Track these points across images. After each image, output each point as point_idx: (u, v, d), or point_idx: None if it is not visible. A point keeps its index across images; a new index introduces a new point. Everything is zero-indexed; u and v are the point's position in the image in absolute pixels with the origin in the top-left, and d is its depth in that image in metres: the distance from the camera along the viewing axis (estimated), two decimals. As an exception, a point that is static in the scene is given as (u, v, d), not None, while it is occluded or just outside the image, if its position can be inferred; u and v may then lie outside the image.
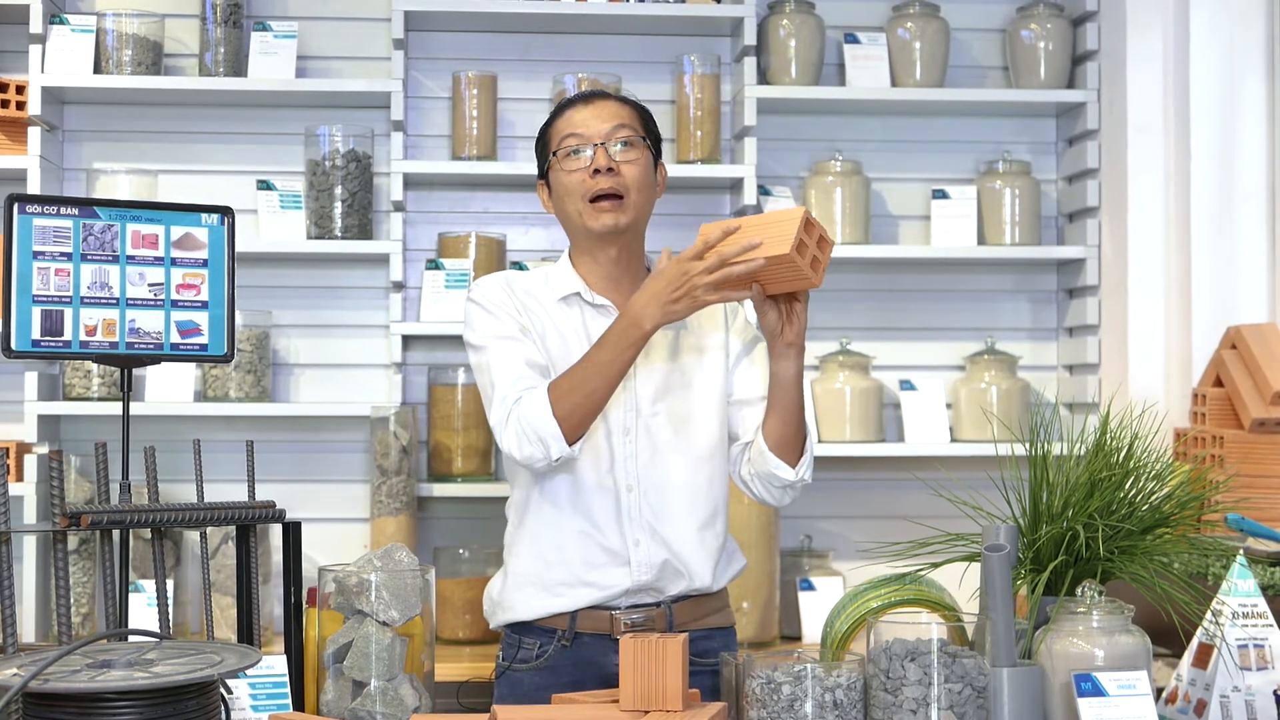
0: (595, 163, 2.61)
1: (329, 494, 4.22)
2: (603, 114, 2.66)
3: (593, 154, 2.62)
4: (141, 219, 2.41)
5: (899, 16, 4.33)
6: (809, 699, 2.03)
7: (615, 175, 2.61)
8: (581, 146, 2.63)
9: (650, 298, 2.44)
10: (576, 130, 2.64)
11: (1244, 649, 2.22)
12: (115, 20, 4.08)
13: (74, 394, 4.01)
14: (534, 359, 2.61)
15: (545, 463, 2.52)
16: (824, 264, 2.37)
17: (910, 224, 4.47)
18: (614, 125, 2.64)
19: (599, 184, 2.61)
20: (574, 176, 2.63)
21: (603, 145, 2.62)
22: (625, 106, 2.70)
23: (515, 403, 2.53)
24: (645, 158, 2.67)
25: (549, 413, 2.48)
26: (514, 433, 2.52)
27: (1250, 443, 3.78)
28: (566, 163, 2.64)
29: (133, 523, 2.17)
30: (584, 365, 2.50)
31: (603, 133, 2.63)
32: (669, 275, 2.42)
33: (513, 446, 2.53)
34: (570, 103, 2.71)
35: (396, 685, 2.18)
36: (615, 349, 2.47)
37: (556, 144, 2.67)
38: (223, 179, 4.24)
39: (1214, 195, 4.07)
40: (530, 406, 2.50)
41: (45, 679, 1.77)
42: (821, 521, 4.35)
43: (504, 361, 2.60)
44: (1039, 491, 2.30)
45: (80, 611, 3.89)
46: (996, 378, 4.28)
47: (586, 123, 2.65)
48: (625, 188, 2.62)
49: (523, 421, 2.51)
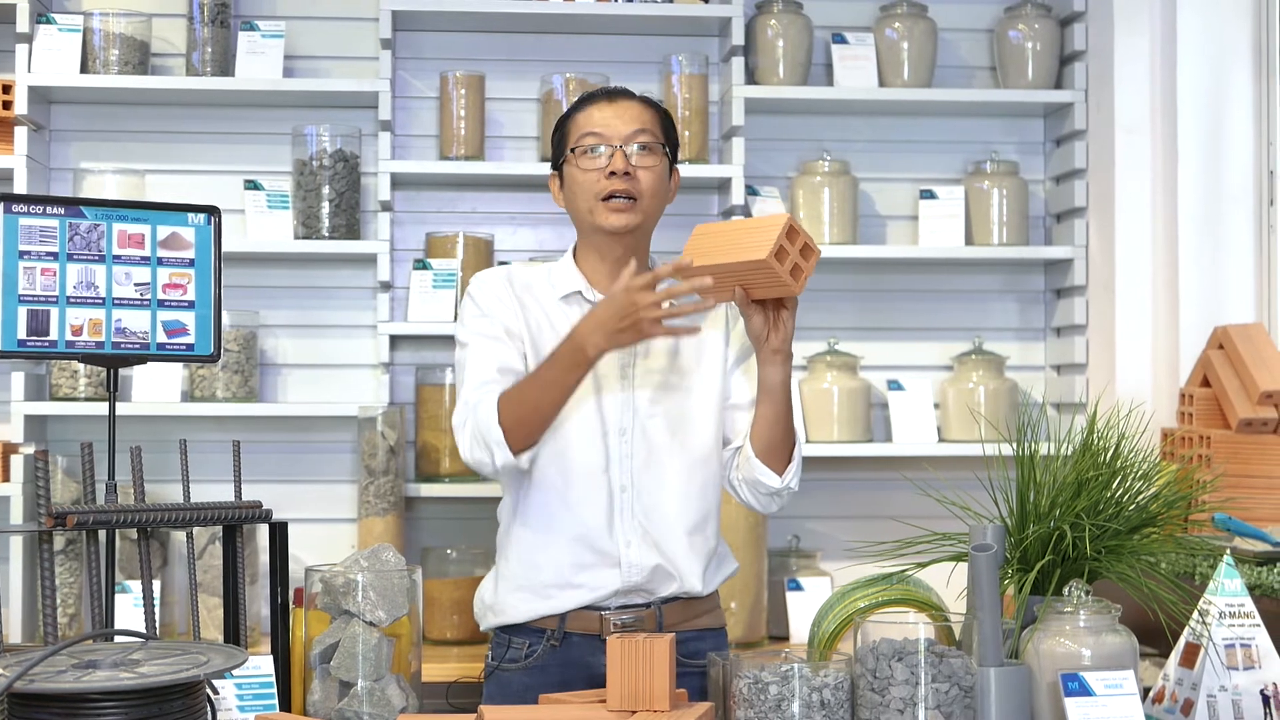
0: (612, 164, 2.59)
1: (316, 494, 4.21)
2: (625, 115, 2.64)
3: (610, 155, 2.60)
4: (128, 219, 2.40)
5: (887, 17, 4.34)
6: (796, 699, 2.03)
7: (631, 179, 2.60)
8: (599, 145, 2.61)
9: (597, 324, 2.40)
10: (596, 129, 2.62)
11: (1231, 648, 2.22)
12: (102, 20, 4.07)
13: (60, 394, 4.00)
14: (509, 364, 2.60)
15: (491, 469, 2.53)
16: (806, 272, 2.36)
17: (898, 224, 4.47)
18: (635, 129, 2.62)
19: (613, 185, 2.59)
20: (589, 175, 2.61)
21: (621, 148, 2.60)
22: (648, 110, 2.68)
23: (474, 406, 2.54)
24: (662, 164, 2.65)
25: (495, 419, 2.48)
26: (468, 434, 2.53)
27: (1237, 442, 3.79)
28: (583, 160, 2.62)
29: (119, 523, 2.17)
30: (533, 379, 2.50)
31: (623, 135, 2.61)
32: (618, 304, 2.38)
33: (465, 448, 2.55)
34: (593, 98, 2.68)
35: (383, 686, 2.18)
36: (561, 369, 2.45)
37: (575, 139, 2.64)
38: (210, 179, 4.23)
39: (1201, 196, 4.07)
40: (482, 411, 2.51)
41: (31, 679, 1.76)
42: (809, 522, 4.35)
43: (478, 363, 2.60)
44: (1026, 491, 2.30)
45: (66, 612, 3.88)
46: (984, 378, 4.29)
47: (608, 122, 2.62)
48: (640, 192, 2.61)
49: (475, 425, 2.52)
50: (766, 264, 2.31)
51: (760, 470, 2.59)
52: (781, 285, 2.37)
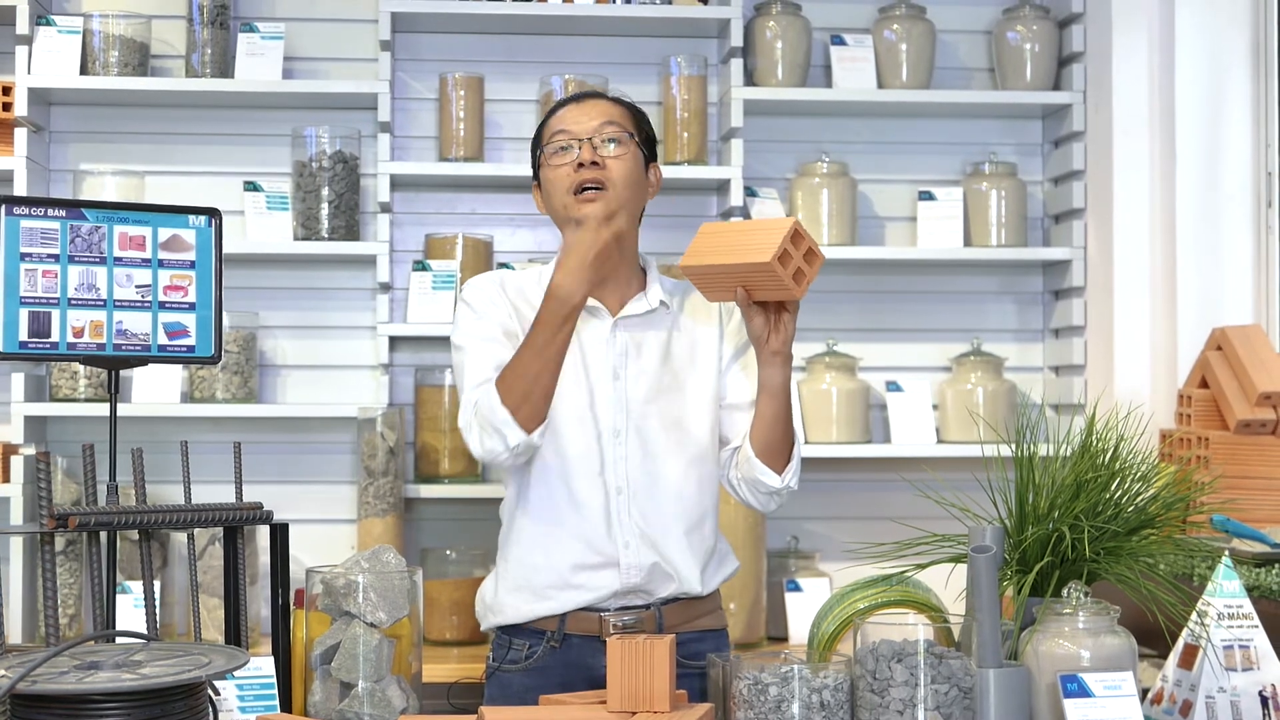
0: (580, 157, 2.62)
1: (315, 495, 4.22)
2: (591, 112, 2.68)
3: (579, 150, 2.63)
4: (129, 221, 2.40)
5: (885, 18, 4.34)
6: (796, 700, 2.03)
7: (600, 169, 2.63)
8: (569, 143, 2.65)
9: (569, 268, 2.48)
10: (565, 127, 2.67)
11: (1229, 650, 2.23)
12: (102, 21, 4.07)
13: (60, 395, 4.01)
14: (505, 362, 2.60)
15: (507, 454, 2.53)
16: (809, 277, 2.37)
17: (896, 225, 4.48)
18: (601, 122, 2.66)
19: (582, 176, 2.62)
20: (560, 171, 2.65)
21: (588, 140, 2.64)
22: (616, 106, 2.72)
23: (475, 403, 2.56)
24: (633, 154, 2.68)
25: (498, 402, 2.50)
26: (476, 430, 2.55)
27: (1235, 444, 3.80)
28: (554, 159, 2.66)
29: (121, 524, 2.17)
30: (524, 350, 2.51)
31: (590, 129, 2.65)
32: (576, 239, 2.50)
33: (475, 444, 2.56)
34: (562, 103, 2.74)
35: (384, 687, 2.19)
36: (549, 330, 2.48)
37: (546, 140, 2.69)
38: (209, 180, 4.24)
39: (1199, 197, 4.08)
40: (484, 401, 2.53)
41: (33, 680, 1.77)
42: (808, 523, 4.36)
43: (475, 363, 2.62)
44: (1025, 493, 2.31)
45: (66, 612, 3.89)
46: (983, 379, 4.30)
47: (576, 120, 2.67)
48: (610, 181, 2.63)
49: (480, 417, 2.53)
50: (769, 267, 2.32)
51: (760, 470, 2.60)
52: (783, 289, 2.37)
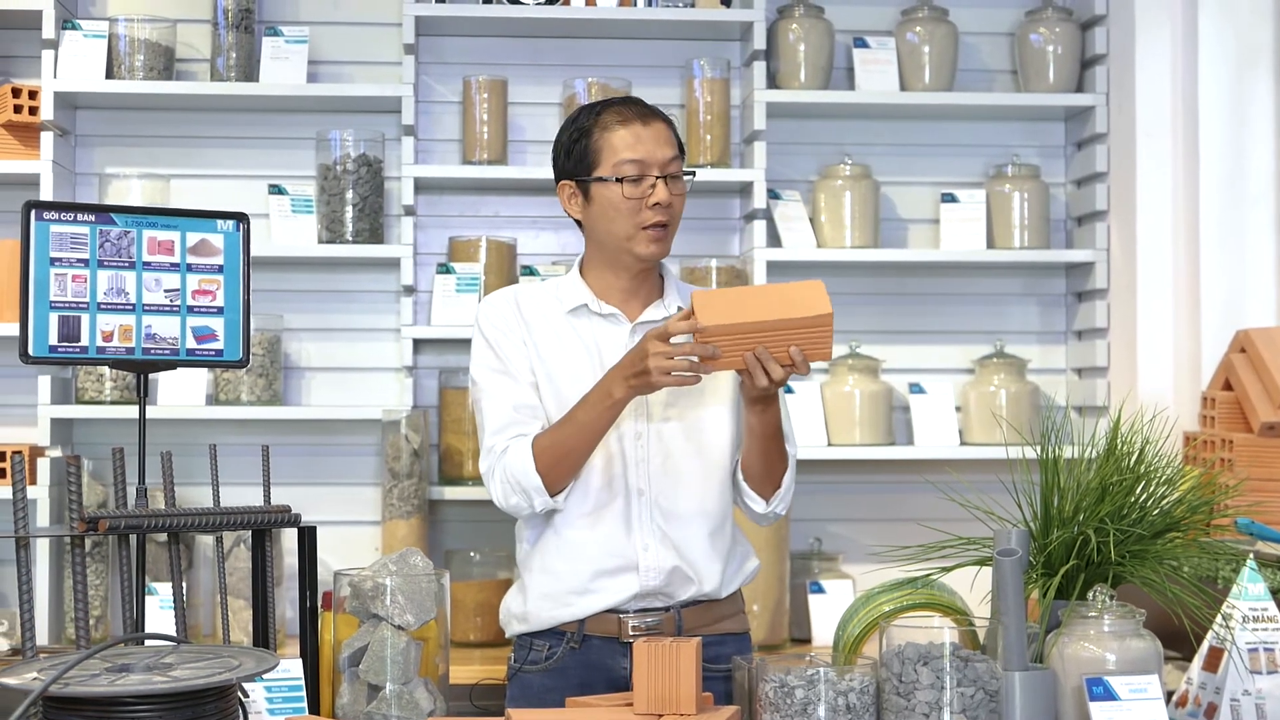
0: (657, 195, 2.62)
1: (340, 497, 4.23)
2: (659, 138, 2.66)
3: (653, 185, 2.63)
4: (158, 225, 2.42)
5: (908, 20, 4.34)
6: (822, 702, 2.04)
7: (670, 209, 2.65)
8: (644, 175, 2.63)
9: (618, 370, 2.52)
10: (639, 156, 2.63)
11: (1254, 652, 2.23)
12: (127, 25, 4.09)
13: (87, 398, 4.03)
14: (523, 401, 2.65)
15: (530, 511, 2.63)
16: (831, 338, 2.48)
17: (919, 227, 4.47)
18: (670, 155, 2.66)
19: (656, 216, 2.63)
20: (631, 203, 2.63)
21: (663, 179, 2.63)
22: (673, 131, 2.71)
23: (501, 454, 2.61)
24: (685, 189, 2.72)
25: (532, 467, 2.57)
26: (500, 482, 2.62)
27: (1259, 446, 3.78)
28: (626, 187, 2.62)
29: (151, 527, 2.19)
30: (566, 423, 2.57)
31: (661, 162, 2.64)
32: (636, 351, 2.50)
33: (498, 496, 2.63)
34: (624, 118, 2.67)
35: (412, 689, 2.20)
36: (593, 411, 2.55)
37: (613, 166, 2.63)
38: (234, 183, 4.26)
39: (1222, 199, 4.07)
40: (515, 459, 2.59)
41: (65, 683, 1.78)
42: (831, 524, 4.36)
43: (493, 405, 2.66)
44: (1050, 495, 2.31)
45: (93, 614, 3.91)
46: (1005, 381, 4.29)
47: (648, 150, 2.64)
48: (674, 218, 2.67)
49: (507, 472, 2.60)
50: (826, 320, 2.42)
51: (747, 494, 2.71)
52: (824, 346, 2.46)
